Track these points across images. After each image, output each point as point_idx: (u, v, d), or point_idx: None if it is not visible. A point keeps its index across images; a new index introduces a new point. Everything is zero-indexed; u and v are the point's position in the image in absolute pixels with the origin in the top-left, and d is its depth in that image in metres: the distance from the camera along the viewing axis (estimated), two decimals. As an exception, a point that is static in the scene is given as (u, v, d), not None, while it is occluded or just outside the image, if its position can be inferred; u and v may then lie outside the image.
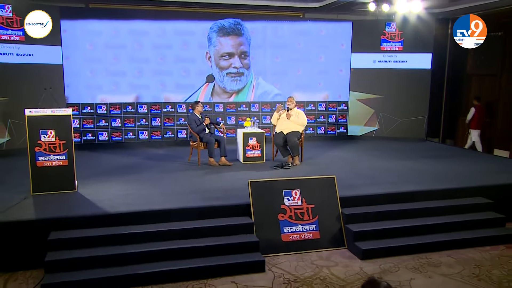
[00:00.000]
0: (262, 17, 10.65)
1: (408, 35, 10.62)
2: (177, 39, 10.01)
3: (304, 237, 5.66)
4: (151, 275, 4.70)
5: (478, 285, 4.82)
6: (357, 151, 9.65)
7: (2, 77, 8.61)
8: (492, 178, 7.18)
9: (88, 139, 9.61)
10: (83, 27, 9.41)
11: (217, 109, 10.41)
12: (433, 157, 8.92)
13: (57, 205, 5.52)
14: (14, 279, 4.76)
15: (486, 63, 11.20)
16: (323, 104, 10.99)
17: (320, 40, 10.86)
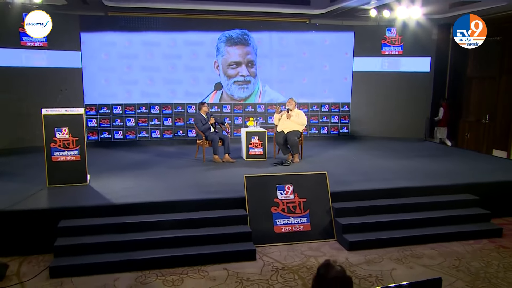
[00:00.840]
0: (268, 27, 10.73)
1: (408, 40, 10.58)
2: (187, 49, 10.20)
3: (296, 229, 5.77)
4: (150, 261, 4.89)
5: (456, 276, 4.87)
6: (357, 150, 9.67)
7: (28, 79, 8.94)
8: (480, 176, 7.17)
9: (105, 137, 9.86)
10: (99, 38, 9.72)
11: (225, 110, 10.55)
12: (428, 156, 8.90)
13: (68, 196, 5.77)
14: (28, 262, 5.02)
15: (486, 67, 11.11)
16: (326, 106, 11.02)
17: (324, 49, 10.92)
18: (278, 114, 8.23)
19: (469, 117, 11.69)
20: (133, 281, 4.62)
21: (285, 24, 10.91)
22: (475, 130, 11.43)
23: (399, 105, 10.88)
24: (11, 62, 8.82)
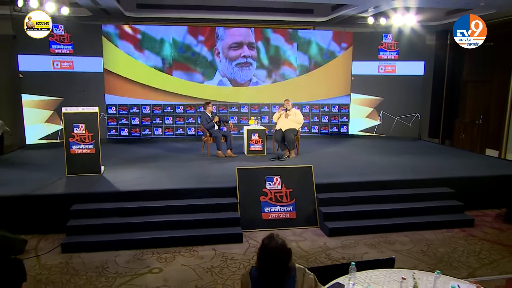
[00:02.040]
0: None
1: (403, 45, 10.59)
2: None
3: (282, 216, 6.00)
4: (148, 241, 5.23)
5: (421, 259, 5.03)
6: (353, 148, 9.74)
7: (57, 82, 9.36)
8: (458, 172, 7.21)
9: (124, 134, 10.16)
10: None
11: (233, 109, 10.70)
12: (417, 154, 8.93)
13: (82, 184, 6.16)
14: (45, 239, 5.44)
15: (480, 71, 11.03)
16: (326, 106, 11.09)
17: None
18: (279, 113, 8.42)
19: (464, 118, 11.62)
20: (131, 257, 4.97)
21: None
22: (470, 130, 11.36)
23: (394, 106, 10.85)
24: (42, 68, 9.26)
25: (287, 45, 10.93)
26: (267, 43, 10.83)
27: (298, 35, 10.97)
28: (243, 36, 10.71)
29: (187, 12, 10.11)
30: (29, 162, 7.81)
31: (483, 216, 6.59)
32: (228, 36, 10.65)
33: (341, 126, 11.21)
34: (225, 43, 10.67)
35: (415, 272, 3.06)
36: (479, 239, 5.70)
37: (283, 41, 10.90)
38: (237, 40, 10.70)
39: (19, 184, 6.15)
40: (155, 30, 10.25)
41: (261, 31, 10.74)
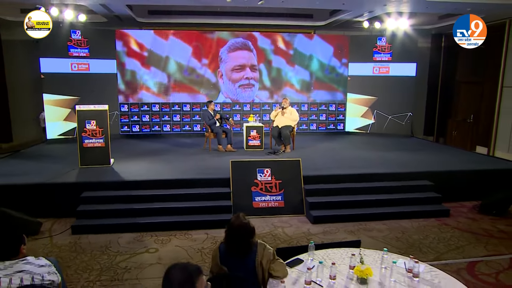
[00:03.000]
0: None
1: (396, 48, 10.69)
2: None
3: (271, 205, 6.28)
4: (147, 225, 5.57)
5: (394, 245, 5.25)
6: (347, 144, 9.87)
7: (75, 82, 9.76)
8: (439, 166, 7.34)
9: (135, 130, 10.49)
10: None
11: (236, 107, 10.91)
12: (405, 150, 9.04)
13: (92, 174, 6.54)
14: (58, 222, 5.84)
15: (472, 73, 11.09)
16: (324, 105, 11.26)
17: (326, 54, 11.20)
18: (276, 111, 8.67)
19: (457, 117, 11.68)
20: (132, 239, 5.32)
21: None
22: (462, 129, 11.42)
23: (388, 106, 10.96)
24: (61, 69, 9.69)
25: (288, 66, 11.03)
26: (269, 65, 10.95)
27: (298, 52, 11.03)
28: (246, 58, 10.80)
29: (193, 18, 10.41)
30: (48, 155, 8.25)
31: (460, 207, 6.75)
32: (231, 59, 10.75)
33: (338, 123, 11.34)
34: (228, 66, 10.76)
35: (362, 249, 3.32)
36: (451, 227, 5.88)
37: (285, 63, 11.01)
38: (240, 63, 10.79)
39: (38, 174, 6.57)
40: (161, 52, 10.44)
41: (264, 54, 10.85)
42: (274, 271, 2.93)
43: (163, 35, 10.40)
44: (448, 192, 6.72)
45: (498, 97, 10.12)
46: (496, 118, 10.20)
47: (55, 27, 9.24)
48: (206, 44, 10.57)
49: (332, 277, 2.96)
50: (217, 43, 10.60)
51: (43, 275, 2.71)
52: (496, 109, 10.19)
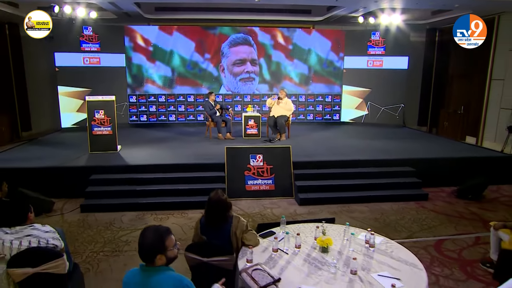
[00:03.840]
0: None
1: (389, 42, 10.80)
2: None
3: (262, 188, 6.58)
4: (148, 205, 5.93)
5: (372, 225, 5.48)
6: (340, 133, 10.06)
7: (87, 75, 10.11)
8: (422, 154, 7.56)
9: (143, 120, 10.78)
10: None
11: (237, 98, 11.14)
12: (394, 138, 9.20)
13: (100, 159, 6.90)
14: (69, 202, 6.22)
15: (463, 66, 11.16)
16: (321, 96, 11.43)
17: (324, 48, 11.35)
18: (272, 100, 8.92)
19: (449, 108, 11.80)
20: (134, 217, 5.69)
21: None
22: (453, 119, 11.53)
23: (381, 97, 11.09)
24: (74, 63, 10.06)
25: (287, 61, 11.19)
26: (269, 59, 11.13)
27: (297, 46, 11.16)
28: (247, 53, 10.96)
29: (197, 14, 10.63)
30: (62, 142, 8.66)
31: (440, 192, 6.97)
32: (232, 54, 10.93)
33: (334, 114, 11.52)
34: (230, 60, 10.94)
35: (324, 222, 3.62)
36: (428, 210, 6.13)
37: (284, 57, 11.17)
38: (240, 57, 10.96)
39: (52, 158, 6.98)
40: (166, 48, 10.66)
41: (264, 49, 11.03)
42: (247, 240, 3.24)
43: (168, 31, 10.65)
44: (429, 178, 6.95)
45: (486, 90, 10.21)
46: (485, 109, 10.31)
47: (68, 24, 9.67)
48: (208, 40, 10.78)
49: (297, 246, 3.27)
50: (219, 39, 10.81)
51: (48, 240, 3.08)
52: (485, 100, 10.29)
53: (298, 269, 2.95)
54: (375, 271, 2.92)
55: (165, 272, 2.31)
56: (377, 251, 3.26)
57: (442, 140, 9.47)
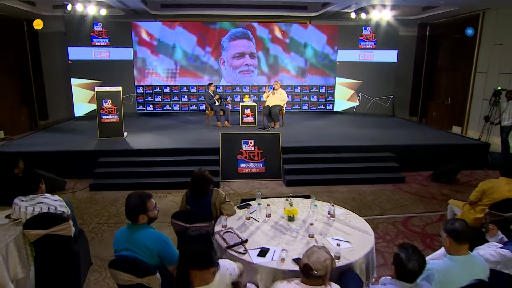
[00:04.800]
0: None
1: (380, 36, 11.01)
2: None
3: (253, 170, 6.97)
4: (150, 184, 6.34)
5: (349, 203, 5.85)
6: (331, 122, 10.28)
7: (98, 69, 10.50)
8: (403, 141, 7.85)
9: (149, 109, 11.16)
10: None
11: (236, 89, 11.43)
12: (381, 127, 9.41)
13: (108, 144, 7.33)
14: (80, 182, 6.68)
15: (450, 59, 11.36)
16: (315, 87, 11.68)
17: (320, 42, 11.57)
18: (267, 92, 9.27)
19: (437, 99, 12.02)
20: (136, 194, 6.13)
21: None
22: (440, 110, 11.76)
23: (371, 88, 11.33)
24: (86, 57, 10.47)
25: (285, 54, 11.43)
26: (267, 52, 11.39)
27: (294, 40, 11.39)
28: (245, 47, 11.19)
29: (199, 10, 10.93)
30: (74, 129, 9.12)
31: (417, 176, 7.29)
32: (232, 47, 11.18)
33: (327, 104, 11.79)
34: (229, 53, 11.19)
35: (291, 195, 4.01)
36: (403, 191, 6.47)
37: (281, 50, 11.41)
38: (240, 51, 11.20)
39: (65, 143, 7.43)
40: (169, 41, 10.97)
41: (262, 43, 11.29)
42: (224, 210, 3.65)
43: (170, 26, 10.96)
44: (409, 163, 7.27)
45: (471, 82, 10.42)
46: (469, 100, 10.53)
47: (80, 20, 10.08)
48: (209, 34, 11.08)
49: (268, 215, 3.67)
50: (219, 33, 11.11)
51: (56, 207, 3.52)
52: (470, 92, 10.50)
53: (265, 234, 3.35)
54: (330, 236, 3.31)
55: (146, 229, 2.74)
56: (336, 221, 3.64)
57: (427, 129, 9.74)
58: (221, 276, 2.25)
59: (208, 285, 2.18)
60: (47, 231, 3.38)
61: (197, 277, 2.17)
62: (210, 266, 2.20)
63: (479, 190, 4.09)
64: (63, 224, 3.44)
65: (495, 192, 3.95)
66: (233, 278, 2.34)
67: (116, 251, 2.79)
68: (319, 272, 2.14)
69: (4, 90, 10.04)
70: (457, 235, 2.49)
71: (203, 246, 2.21)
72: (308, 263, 2.15)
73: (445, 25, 11.43)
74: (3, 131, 9.81)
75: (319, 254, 2.18)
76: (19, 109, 10.67)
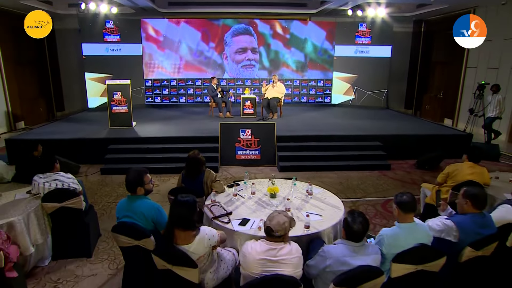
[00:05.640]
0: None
1: (375, 33, 11.21)
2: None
3: (250, 157, 7.34)
4: (155, 169, 6.68)
5: (335, 187, 6.17)
6: (327, 114, 10.54)
7: (109, 63, 10.91)
8: (390, 131, 8.12)
9: (157, 101, 11.57)
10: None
11: (239, 82, 11.77)
12: (373, 119, 9.66)
13: (117, 132, 7.75)
14: (92, 167, 7.11)
15: (443, 55, 11.53)
16: (313, 81, 11.95)
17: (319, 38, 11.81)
18: (266, 86, 9.60)
19: (431, 93, 12.21)
20: (142, 177, 6.56)
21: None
22: (433, 103, 11.98)
23: (367, 81, 11.56)
24: (99, 52, 10.88)
25: (285, 49, 11.69)
26: (268, 48, 11.65)
27: (294, 36, 11.63)
28: (247, 42, 11.47)
29: (204, 8, 11.24)
30: (88, 119, 9.56)
31: (403, 164, 7.57)
32: (234, 43, 11.46)
33: (325, 97, 12.06)
34: (232, 49, 11.47)
35: (274, 175, 4.37)
36: (388, 177, 6.78)
37: (282, 46, 11.67)
38: (242, 46, 11.48)
39: (80, 132, 7.87)
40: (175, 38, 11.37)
41: (263, 38, 11.55)
42: (215, 188, 4.03)
43: (176, 22, 11.28)
44: (396, 152, 7.56)
45: (462, 76, 10.62)
46: (460, 94, 10.73)
47: (93, 18, 10.50)
48: (212, 30, 11.39)
49: (252, 193, 4.05)
50: (223, 29, 11.41)
51: (69, 183, 3.95)
52: (460, 86, 10.70)
53: (248, 208, 3.73)
54: (305, 210, 3.67)
55: (143, 199, 3.15)
56: (313, 198, 4.01)
57: (417, 121, 9.96)
58: (199, 239, 2.63)
59: (188, 245, 2.58)
60: (61, 204, 3.82)
61: (180, 236, 2.57)
62: (191, 229, 2.59)
63: (445, 173, 4.42)
64: (75, 199, 3.88)
65: (458, 175, 4.27)
66: (211, 242, 2.71)
67: (118, 218, 3.20)
68: (279, 233, 2.51)
69: (24, 84, 10.55)
70: (404, 206, 2.85)
71: (188, 210, 2.60)
72: (270, 226, 2.52)
73: (439, 21, 11.57)
74: (23, 121, 10.36)
75: (279, 218, 2.55)
76: (37, 101, 11.19)
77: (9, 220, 3.44)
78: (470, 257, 2.94)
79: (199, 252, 2.61)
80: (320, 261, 2.56)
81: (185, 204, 2.62)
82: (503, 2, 8.94)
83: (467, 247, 2.88)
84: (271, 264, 2.45)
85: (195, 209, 2.69)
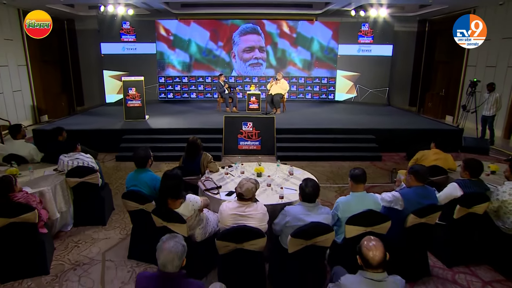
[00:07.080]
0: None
1: (377, 32, 11.69)
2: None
3: (251, 148, 8.02)
4: (164, 157, 7.45)
5: (327, 175, 6.77)
6: (329, 109, 11.04)
7: (126, 62, 11.75)
8: (385, 125, 8.64)
9: (170, 97, 12.33)
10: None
11: (246, 80, 12.41)
12: (373, 114, 10.15)
13: (131, 124, 8.56)
14: (108, 155, 7.94)
15: (445, 54, 11.90)
16: (318, 78, 12.51)
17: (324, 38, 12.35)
18: (271, 83, 10.27)
19: (433, 91, 12.60)
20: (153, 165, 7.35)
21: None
22: (435, 101, 12.37)
23: (370, 79, 12.05)
24: (116, 51, 11.76)
25: (292, 48, 12.26)
26: (275, 47, 12.25)
27: (301, 35, 12.20)
28: (255, 41, 12.05)
29: (214, 9, 11.96)
30: (105, 113, 10.45)
31: (395, 156, 8.11)
32: (242, 42, 12.06)
33: (329, 94, 12.61)
34: (240, 48, 12.06)
35: (260, 158, 5.05)
36: (377, 167, 7.35)
37: (289, 45, 12.25)
38: (249, 45, 12.05)
39: (97, 123, 8.73)
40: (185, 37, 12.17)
41: (271, 37, 12.15)
42: (210, 168, 4.76)
43: (186, 22, 12.00)
44: (389, 145, 8.10)
45: (462, 75, 11.01)
46: (460, 92, 11.12)
47: (111, 19, 11.38)
48: (221, 29, 12.06)
49: (242, 172, 4.76)
50: (231, 28, 12.08)
51: (89, 162, 4.76)
52: (461, 84, 11.09)
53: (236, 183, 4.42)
54: (284, 186, 4.36)
55: (147, 172, 3.92)
56: (294, 177, 4.68)
57: (415, 117, 10.43)
58: (185, 205, 3.34)
59: (176, 210, 3.30)
60: (81, 179, 4.62)
61: (171, 204, 3.30)
62: (178, 197, 3.31)
63: (414, 158, 5.04)
64: (93, 175, 4.67)
65: (425, 160, 4.88)
66: (195, 207, 3.41)
67: (127, 187, 3.97)
68: (248, 196, 3.21)
69: (48, 81, 11.56)
70: (355, 178, 3.51)
71: (175, 181, 3.32)
72: (240, 192, 3.23)
73: (442, 21, 11.95)
74: (47, 115, 11.36)
75: (247, 185, 3.24)
76: (60, 97, 12.19)
77: (41, 189, 4.25)
78: (414, 223, 3.56)
79: (185, 214, 3.33)
80: (281, 218, 3.25)
81: (173, 177, 3.34)
82: (501, 2, 9.34)
83: (410, 214, 3.51)
84: (240, 218, 3.15)
85: (182, 181, 3.40)
